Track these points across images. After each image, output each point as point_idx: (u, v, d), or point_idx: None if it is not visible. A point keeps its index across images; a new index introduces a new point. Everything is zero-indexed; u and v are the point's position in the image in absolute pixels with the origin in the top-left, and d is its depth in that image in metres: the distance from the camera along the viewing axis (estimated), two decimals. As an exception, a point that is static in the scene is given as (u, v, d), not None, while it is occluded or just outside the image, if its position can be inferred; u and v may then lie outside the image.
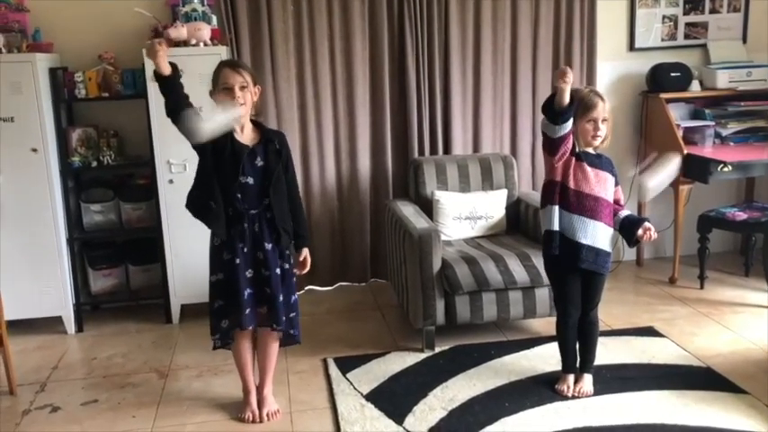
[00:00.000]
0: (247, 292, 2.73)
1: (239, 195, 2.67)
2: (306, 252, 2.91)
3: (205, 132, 2.57)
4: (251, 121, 2.77)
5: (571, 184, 2.79)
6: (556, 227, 2.82)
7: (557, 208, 2.81)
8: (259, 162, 2.70)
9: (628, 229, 2.88)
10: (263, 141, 2.73)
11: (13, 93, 3.59)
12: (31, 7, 3.85)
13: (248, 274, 2.74)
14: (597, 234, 2.81)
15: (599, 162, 2.84)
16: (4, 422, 2.96)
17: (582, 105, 2.75)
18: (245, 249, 2.72)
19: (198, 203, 2.73)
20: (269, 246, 2.73)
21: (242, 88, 2.66)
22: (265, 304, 2.77)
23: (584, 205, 2.79)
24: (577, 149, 2.81)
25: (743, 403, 2.86)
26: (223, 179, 2.69)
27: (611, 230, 2.87)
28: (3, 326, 3.12)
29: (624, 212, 2.92)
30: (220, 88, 2.68)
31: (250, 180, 2.68)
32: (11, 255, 3.68)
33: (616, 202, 2.91)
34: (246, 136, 2.74)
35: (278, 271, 2.76)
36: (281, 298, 2.75)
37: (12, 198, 3.68)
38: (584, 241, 2.80)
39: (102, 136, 3.94)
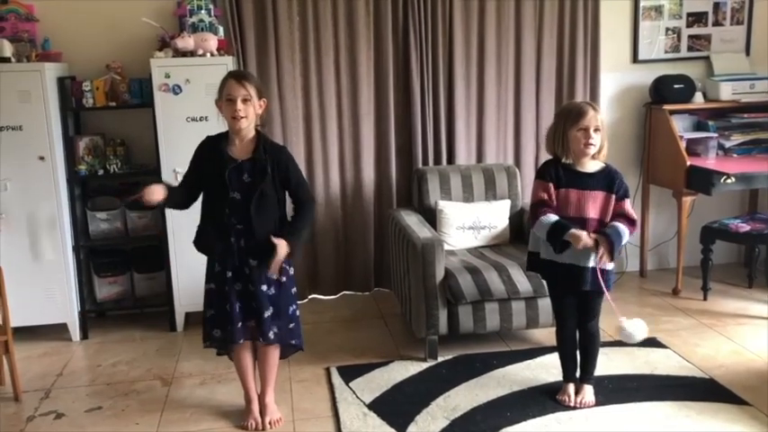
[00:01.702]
0: (237, 305, 2.75)
1: (227, 210, 2.69)
2: (282, 248, 2.65)
3: None
4: (256, 131, 2.78)
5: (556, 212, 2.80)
6: (545, 254, 2.85)
7: (550, 216, 2.78)
8: (246, 178, 2.70)
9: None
10: (254, 157, 2.72)
11: (21, 101, 3.62)
12: (41, 17, 3.89)
13: (237, 287, 2.75)
14: (588, 254, 2.77)
15: (590, 182, 2.79)
16: (9, 428, 2.98)
17: (572, 115, 2.75)
18: (236, 263, 2.74)
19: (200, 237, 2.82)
20: (254, 262, 2.73)
21: (244, 101, 2.66)
22: (252, 318, 2.78)
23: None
24: (559, 174, 2.79)
25: (745, 415, 2.86)
26: (212, 193, 2.72)
27: None
28: (9, 332, 3.14)
29: (612, 223, 2.78)
30: (224, 99, 2.70)
31: (237, 195, 2.69)
32: (17, 261, 3.71)
33: (621, 215, 2.81)
34: (242, 149, 2.73)
35: (264, 287, 2.74)
36: (267, 313, 2.75)
37: (19, 205, 3.71)
38: (578, 264, 2.79)
39: (109, 144, 3.97)
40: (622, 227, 2.77)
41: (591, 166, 2.82)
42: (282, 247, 2.66)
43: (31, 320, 3.82)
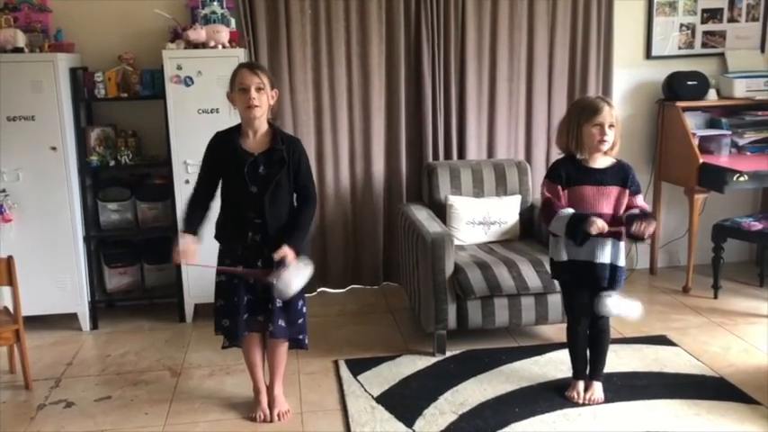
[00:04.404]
0: (246, 298, 2.76)
1: (245, 204, 2.69)
2: (285, 254, 2.61)
3: None
4: (268, 124, 2.77)
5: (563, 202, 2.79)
6: (564, 257, 2.84)
7: (565, 210, 2.77)
8: (262, 170, 2.69)
9: (628, 224, 2.73)
10: (270, 149, 2.71)
11: (34, 92, 3.64)
12: (54, 8, 3.90)
13: (249, 280, 2.75)
14: (603, 250, 2.77)
15: (604, 177, 2.78)
16: (20, 416, 3.00)
17: (587, 110, 2.73)
18: (248, 257, 2.73)
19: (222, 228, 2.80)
20: (267, 253, 2.73)
21: (258, 90, 2.65)
22: (263, 312, 2.78)
23: None
24: (563, 174, 2.78)
25: (755, 414, 2.84)
26: (230, 188, 2.71)
27: (619, 244, 2.81)
28: (20, 321, 3.16)
29: (633, 210, 2.77)
30: (237, 89, 2.68)
31: (254, 189, 2.69)
32: (29, 251, 3.72)
33: (638, 208, 2.79)
34: (257, 141, 2.72)
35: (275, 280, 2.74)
36: (278, 305, 2.75)
37: (30, 195, 3.73)
38: (594, 260, 2.78)
39: (121, 135, 3.98)
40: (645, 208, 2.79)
41: (602, 161, 2.81)
42: (290, 256, 2.63)
43: (42, 310, 3.84)
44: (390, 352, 3.50)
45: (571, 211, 2.76)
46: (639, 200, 2.83)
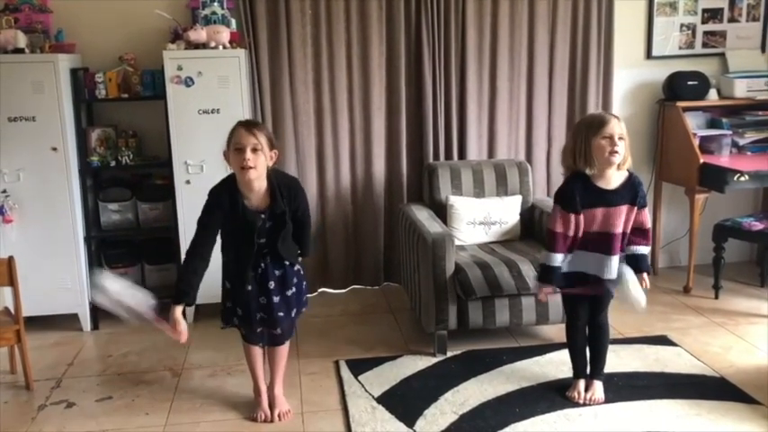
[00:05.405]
0: (259, 315, 2.79)
1: (254, 250, 2.72)
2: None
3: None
4: (268, 180, 2.71)
5: (581, 232, 2.78)
6: (564, 269, 2.86)
7: (560, 257, 2.81)
8: (267, 224, 2.71)
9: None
10: (271, 206, 2.69)
11: (35, 92, 3.64)
12: (55, 8, 3.91)
13: (262, 300, 2.78)
14: (612, 266, 2.78)
15: (615, 198, 2.75)
16: (21, 416, 3.00)
17: (594, 123, 2.71)
18: (256, 283, 2.76)
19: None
20: (277, 272, 2.77)
21: (254, 150, 2.58)
22: (270, 326, 2.83)
23: (596, 242, 2.76)
24: (579, 203, 2.74)
25: (757, 414, 2.84)
26: (236, 243, 2.72)
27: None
28: (21, 322, 3.17)
29: (635, 249, 2.83)
30: (232, 148, 2.63)
31: (263, 240, 2.72)
32: (30, 252, 3.73)
33: (639, 225, 2.82)
34: (257, 198, 2.69)
35: (289, 292, 2.80)
36: (279, 314, 2.80)
37: (31, 196, 3.73)
38: (599, 275, 2.80)
39: (121, 136, 3.99)
40: (645, 250, 2.84)
41: (615, 178, 2.77)
42: None
43: (43, 310, 3.84)
44: (391, 352, 3.51)
45: (557, 264, 2.80)
46: (645, 215, 2.84)
